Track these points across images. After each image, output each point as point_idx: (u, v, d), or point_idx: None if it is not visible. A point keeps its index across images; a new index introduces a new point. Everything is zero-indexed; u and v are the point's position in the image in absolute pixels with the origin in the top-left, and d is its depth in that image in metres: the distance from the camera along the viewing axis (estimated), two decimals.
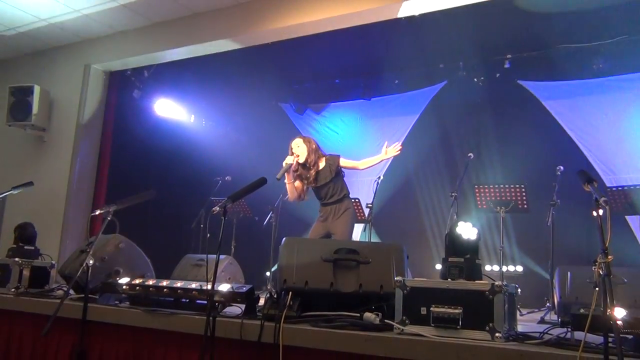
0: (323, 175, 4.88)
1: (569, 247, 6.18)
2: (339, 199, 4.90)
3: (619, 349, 1.84)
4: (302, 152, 4.87)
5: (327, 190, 4.91)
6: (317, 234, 4.94)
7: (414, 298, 2.44)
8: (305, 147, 4.89)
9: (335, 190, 4.90)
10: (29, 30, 6.94)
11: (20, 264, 3.90)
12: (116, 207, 3.38)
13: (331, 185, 4.89)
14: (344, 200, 4.93)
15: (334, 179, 4.89)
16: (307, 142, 4.94)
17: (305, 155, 4.87)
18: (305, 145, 4.91)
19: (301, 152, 4.87)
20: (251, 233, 7.87)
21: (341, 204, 4.91)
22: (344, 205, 4.91)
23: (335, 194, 4.90)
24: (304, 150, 4.88)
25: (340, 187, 4.94)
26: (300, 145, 4.91)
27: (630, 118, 6.67)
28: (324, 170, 4.89)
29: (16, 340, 3.63)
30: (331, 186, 4.89)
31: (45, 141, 7.28)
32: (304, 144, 4.91)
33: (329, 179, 4.86)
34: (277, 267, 3.07)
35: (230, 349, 2.74)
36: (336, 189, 4.91)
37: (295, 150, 4.89)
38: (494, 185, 5.78)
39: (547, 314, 4.56)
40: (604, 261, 1.97)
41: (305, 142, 4.93)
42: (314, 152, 4.90)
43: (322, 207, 5.00)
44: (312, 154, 4.89)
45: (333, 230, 4.86)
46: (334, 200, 4.90)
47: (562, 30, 6.37)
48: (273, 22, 5.87)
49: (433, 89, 7.84)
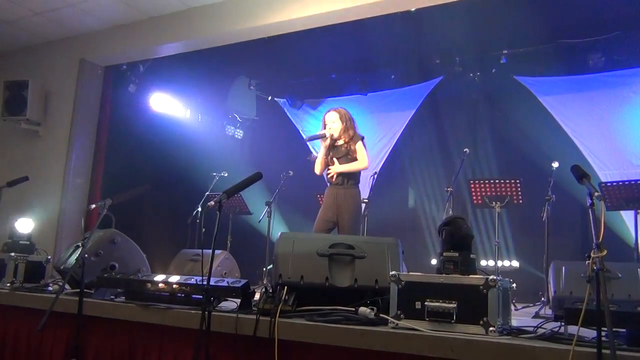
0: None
1: (564, 242, 6.21)
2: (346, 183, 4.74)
3: (612, 343, 1.85)
4: (335, 129, 4.79)
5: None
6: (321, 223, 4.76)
7: (409, 292, 2.45)
8: (339, 125, 4.78)
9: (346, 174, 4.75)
10: (23, 24, 6.90)
11: (15, 259, 3.90)
12: (112, 202, 3.38)
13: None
14: (351, 187, 4.77)
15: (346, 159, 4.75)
16: (343, 120, 4.81)
17: (338, 133, 4.78)
18: (341, 124, 4.79)
19: (335, 128, 4.79)
20: (247, 228, 7.87)
21: (346, 191, 4.75)
22: (351, 193, 4.75)
23: (345, 177, 4.74)
24: (337, 127, 4.79)
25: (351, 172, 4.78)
26: (336, 121, 4.80)
27: (625, 113, 6.69)
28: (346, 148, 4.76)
29: (11, 335, 3.63)
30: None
31: (40, 136, 7.25)
32: (339, 121, 4.79)
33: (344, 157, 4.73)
34: (272, 262, 3.08)
35: (226, 344, 2.74)
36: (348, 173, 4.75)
37: (329, 125, 4.80)
38: (489, 180, 5.80)
39: (542, 309, 4.58)
40: (598, 256, 1.98)
41: (341, 120, 4.80)
42: (347, 131, 4.78)
43: (329, 189, 4.85)
44: (345, 133, 4.78)
45: (340, 219, 4.69)
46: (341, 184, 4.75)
47: (559, 26, 6.37)
48: (269, 16, 5.85)
49: (429, 84, 7.85)
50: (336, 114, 4.84)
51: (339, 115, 4.83)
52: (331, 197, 4.79)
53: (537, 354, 2.07)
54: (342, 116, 4.83)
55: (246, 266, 6.23)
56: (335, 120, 4.81)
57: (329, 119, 4.84)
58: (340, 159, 4.81)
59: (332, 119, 4.83)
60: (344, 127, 4.80)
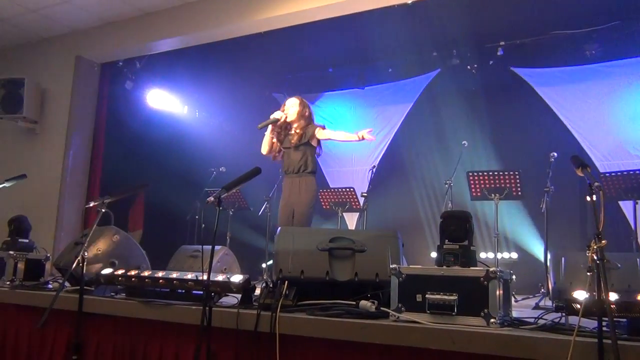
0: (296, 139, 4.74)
1: (563, 233, 6.21)
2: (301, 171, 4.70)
3: (613, 333, 1.86)
4: (292, 113, 4.79)
5: (292, 158, 4.73)
6: (283, 217, 4.74)
7: (410, 285, 2.45)
8: (297, 109, 4.80)
9: (301, 162, 4.70)
10: (18, 22, 6.87)
11: (14, 257, 3.89)
12: (110, 199, 3.37)
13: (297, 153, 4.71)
14: (306, 176, 4.72)
15: (302, 147, 4.71)
16: (302, 106, 4.83)
17: (292, 117, 4.79)
18: (299, 108, 4.81)
19: (292, 112, 4.80)
20: (246, 224, 7.87)
21: (301, 179, 4.71)
22: (304, 180, 4.71)
23: (301, 166, 4.70)
24: (295, 111, 4.80)
25: (306, 160, 4.72)
26: (295, 106, 4.82)
27: (623, 104, 6.68)
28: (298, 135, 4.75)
29: (12, 333, 3.62)
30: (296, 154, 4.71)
31: (37, 133, 7.24)
32: (299, 106, 4.81)
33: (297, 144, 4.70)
34: (272, 257, 3.07)
35: (227, 339, 2.74)
36: (302, 161, 4.71)
37: (288, 108, 4.82)
38: (488, 173, 5.79)
39: (542, 300, 4.59)
40: (598, 246, 1.99)
41: (300, 105, 4.83)
42: (304, 117, 4.81)
43: (284, 179, 4.85)
44: (301, 118, 4.80)
45: (295, 208, 4.68)
46: (296, 172, 4.72)
47: (555, 17, 6.36)
48: (265, 11, 5.84)
49: (427, 77, 7.84)
50: (297, 100, 4.88)
51: (299, 101, 4.88)
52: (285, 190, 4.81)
53: (538, 345, 2.07)
54: (301, 102, 4.88)
55: (246, 262, 6.23)
56: (294, 105, 4.84)
57: (289, 102, 4.88)
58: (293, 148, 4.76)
59: (292, 103, 4.86)
60: (301, 111, 4.81)
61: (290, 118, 4.80)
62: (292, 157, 4.77)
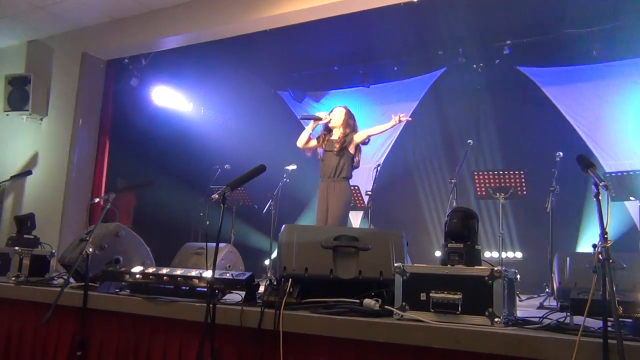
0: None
1: (569, 233, 6.19)
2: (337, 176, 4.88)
3: (619, 333, 1.85)
4: (337, 120, 4.94)
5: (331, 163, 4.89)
6: (321, 219, 4.93)
7: (414, 284, 2.44)
8: (342, 117, 4.95)
9: (338, 168, 4.88)
10: (25, 19, 6.89)
11: (20, 253, 3.90)
12: (115, 195, 3.38)
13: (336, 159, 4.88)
14: (341, 180, 4.90)
15: (341, 154, 4.88)
16: (347, 115, 5.00)
17: (337, 123, 4.94)
18: (344, 117, 4.97)
19: (337, 118, 4.94)
20: (251, 221, 7.87)
21: (336, 183, 4.88)
22: (339, 185, 4.88)
23: (338, 171, 4.88)
24: (339, 119, 4.94)
25: (343, 166, 4.91)
26: (340, 114, 4.98)
27: (629, 103, 6.65)
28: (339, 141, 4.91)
29: (17, 328, 3.64)
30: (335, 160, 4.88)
31: (43, 130, 7.25)
32: (344, 115, 4.98)
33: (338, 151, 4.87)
34: (276, 255, 3.07)
35: (231, 336, 2.74)
36: (339, 167, 4.89)
37: (334, 114, 4.98)
38: (493, 172, 5.78)
39: (547, 300, 4.57)
40: (604, 246, 1.97)
41: (346, 115, 4.99)
42: (349, 126, 4.96)
43: (320, 185, 5.00)
44: (346, 126, 4.95)
45: (330, 210, 4.86)
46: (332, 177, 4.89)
47: (562, 16, 6.34)
48: (270, 8, 5.83)
49: (432, 76, 7.83)
50: (344, 109, 5.05)
51: (345, 110, 5.05)
52: (322, 193, 4.98)
53: (543, 345, 2.06)
54: (347, 112, 5.04)
55: (250, 259, 6.24)
56: (340, 113, 5.00)
57: (336, 109, 5.05)
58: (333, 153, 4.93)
59: (338, 110, 5.04)
60: (346, 120, 4.97)
61: (333, 123, 4.97)
62: (331, 162, 4.94)
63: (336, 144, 4.92)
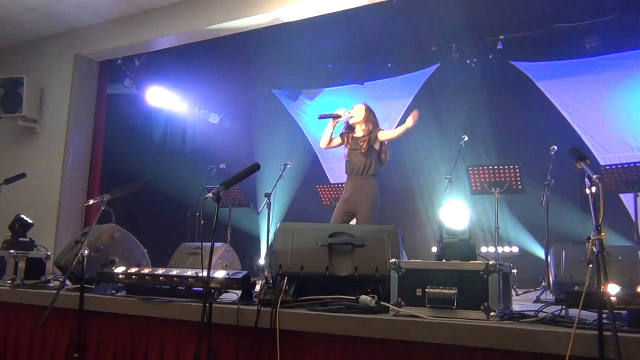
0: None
1: (564, 227, 6.21)
2: (365, 174, 4.85)
3: (613, 325, 1.86)
4: (358, 117, 4.90)
5: (358, 161, 4.86)
6: (339, 213, 4.90)
7: (409, 280, 2.45)
8: (363, 114, 4.91)
9: (366, 166, 4.85)
10: (16, 20, 6.86)
11: (15, 256, 3.89)
12: (110, 197, 3.37)
13: (363, 157, 4.85)
14: (369, 178, 4.87)
15: (369, 151, 4.84)
16: (367, 111, 4.94)
17: (358, 120, 4.89)
18: (365, 113, 4.92)
19: (358, 115, 4.90)
20: (247, 220, 7.87)
21: (364, 181, 4.85)
22: (367, 183, 4.85)
23: (365, 169, 4.85)
24: (360, 115, 4.90)
25: (370, 163, 4.87)
26: (360, 111, 4.93)
27: (623, 96, 6.67)
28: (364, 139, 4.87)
29: (13, 331, 3.63)
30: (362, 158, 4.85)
31: (37, 132, 7.24)
32: (364, 111, 4.92)
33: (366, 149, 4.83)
34: (271, 253, 3.07)
35: (227, 335, 2.74)
36: (367, 164, 4.85)
37: (355, 111, 4.93)
38: (488, 167, 5.78)
39: (543, 293, 4.59)
40: (598, 238, 1.98)
41: (366, 111, 4.94)
42: (371, 122, 4.91)
43: (347, 182, 4.98)
44: (368, 122, 4.89)
45: (357, 209, 4.83)
46: (359, 174, 4.86)
47: (555, 9, 6.34)
48: (262, 7, 5.82)
49: (426, 72, 7.83)
50: (363, 106, 5.00)
51: (365, 107, 4.99)
52: (347, 191, 4.93)
53: (539, 338, 2.07)
54: (367, 108, 4.99)
55: (247, 258, 6.24)
56: (360, 110, 4.94)
57: (356, 106, 4.99)
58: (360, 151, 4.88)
59: (358, 107, 4.98)
60: (367, 116, 4.92)
61: (354, 120, 4.91)
62: (358, 160, 4.89)
63: (362, 143, 4.87)
